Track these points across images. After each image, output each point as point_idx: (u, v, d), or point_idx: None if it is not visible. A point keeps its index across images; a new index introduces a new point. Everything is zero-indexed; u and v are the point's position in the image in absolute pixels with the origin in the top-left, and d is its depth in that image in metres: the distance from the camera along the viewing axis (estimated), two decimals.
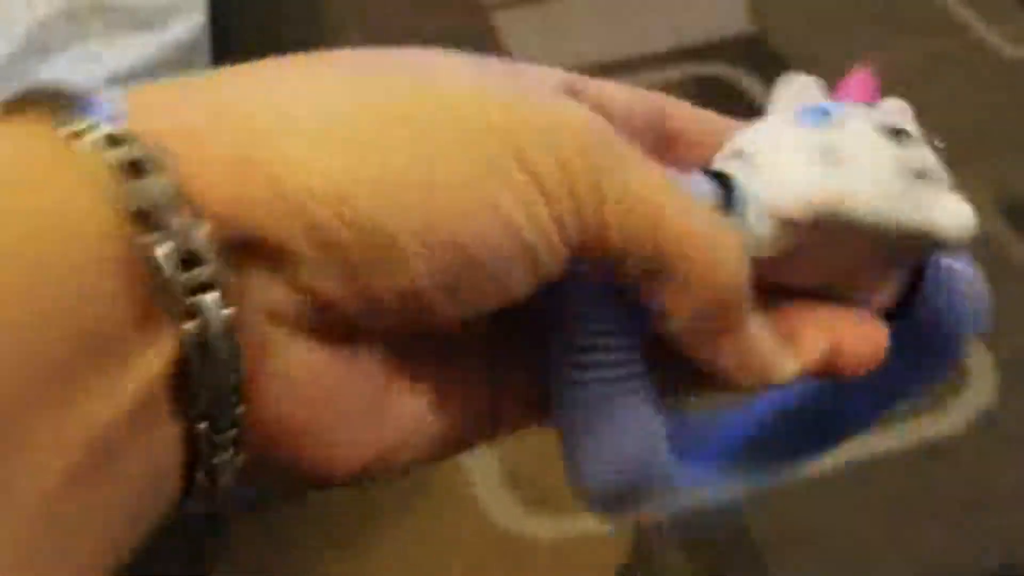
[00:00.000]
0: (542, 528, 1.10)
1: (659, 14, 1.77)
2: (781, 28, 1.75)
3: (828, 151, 0.28)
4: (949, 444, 1.17)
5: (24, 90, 0.20)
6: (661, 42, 1.67)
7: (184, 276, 0.18)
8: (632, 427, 0.27)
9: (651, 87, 1.19)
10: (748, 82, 1.63)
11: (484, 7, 1.79)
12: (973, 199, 1.08)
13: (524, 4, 1.78)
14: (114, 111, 0.19)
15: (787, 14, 1.80)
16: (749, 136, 0.30)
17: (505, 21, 1.75)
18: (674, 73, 1.64)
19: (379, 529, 1.10)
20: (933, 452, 1.17)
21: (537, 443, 1.13)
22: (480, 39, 1.72)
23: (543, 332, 0.25)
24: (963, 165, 1.37)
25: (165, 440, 0.18)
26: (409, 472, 0.25)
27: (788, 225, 0.26)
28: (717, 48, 1.69)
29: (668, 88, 1.57)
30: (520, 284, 0.22)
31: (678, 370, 0.27)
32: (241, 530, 1.09)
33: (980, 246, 1.23)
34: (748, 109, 1.27)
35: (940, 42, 1.73)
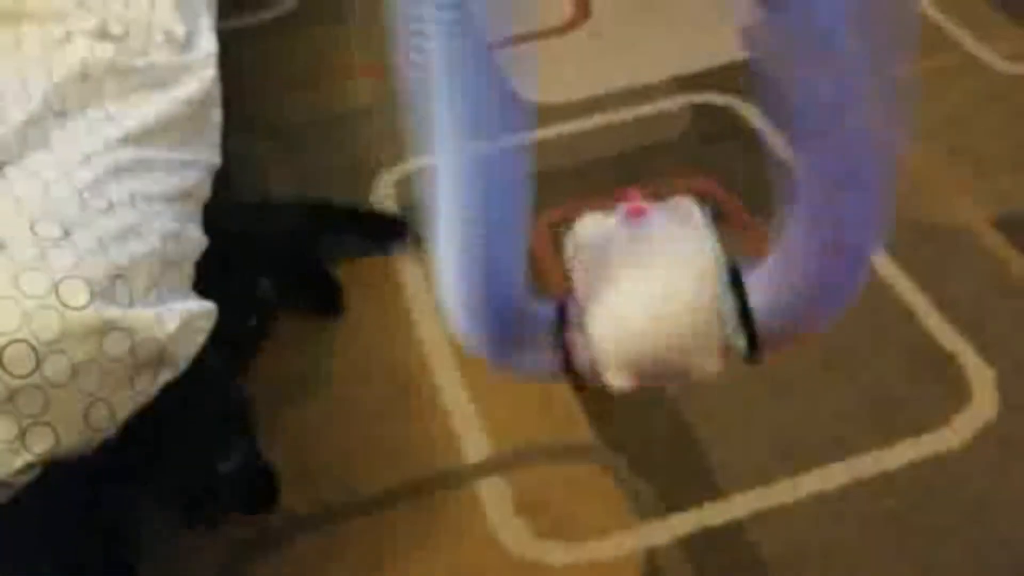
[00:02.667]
0: (554, 554, 1.12)
1: (654, 46, 1.80)
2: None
3: None
4: (954, 458, 1.18)
5: None
6: (657, 73, 1.69)
7: None
8: None
9: (649, 117, 1.25)
10: (743, 108, 1.65)
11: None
12: (971, 214, 1.15)
13: (525, 40, 1.82)
14: None
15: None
16: None
17: (506, 56, 1.79)
18: (671, 103, 1.66)
19: (399, 557, 1.12)
20: (938, 467, 1.18)
21: (547, 474, 1.15)
22: None
23: None
24: (960, 180, 1.40)
25: None
26: None
27: None
28: (712, 76, 1.71)
29: (666, 117, 1.60)
30: None
31: None
32: (266, 563, 1.12)
33: (978, 261, 1.26)
34: (744, 134, 1.31)
35: (934, 60, 1.74)
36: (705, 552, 1.11)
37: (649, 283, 0.52)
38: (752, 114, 1.63)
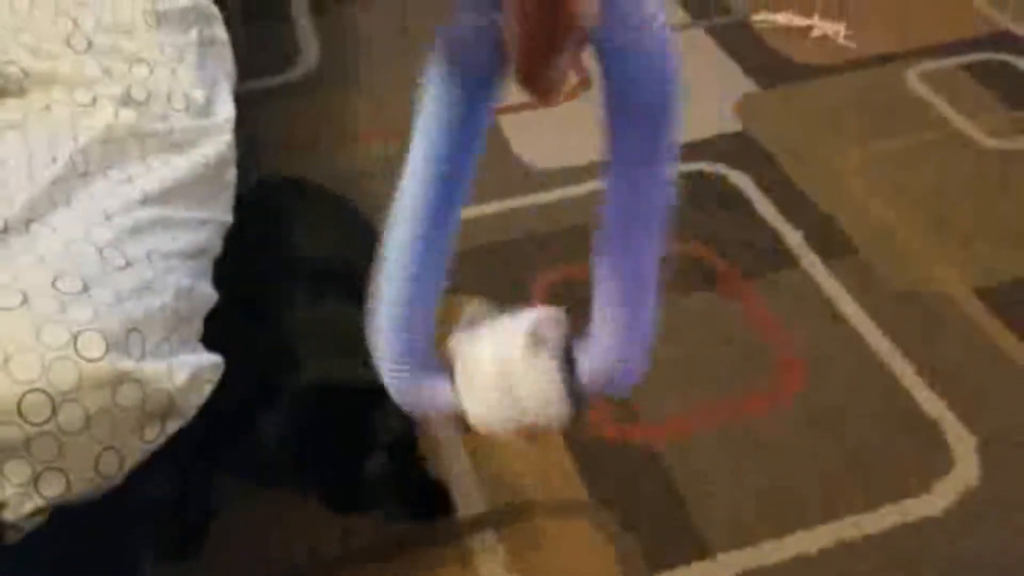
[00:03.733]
0: None
1: None
2: (768, 126, 1.83)
3: None
4: (935, 523, 1.20)
5: None
6: None
7: None
8: None
9: None
10: (736, 177, 1.70)
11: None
12: (954, 283, 1.24)
13: (525, 109, 1.88)
14: None
15: (774, 112, 1.89)
16: None
17: (507, 124, 1.85)
18: None
19: None
20: (920, 531, 1.20)
21: (539, 530, 1.17)
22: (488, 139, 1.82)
23: None
24: (944, 250, 1.47)
25: None
26: None
27: None
28: (707, 145, 1.77)
29: None
30: None
31: None
32: None
33: (961, 329, 1.32)
34: (734, 201, 1.38)
35: (921, 134, 1.79)
36: None
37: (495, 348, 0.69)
38: (742, 182, 1.69)
